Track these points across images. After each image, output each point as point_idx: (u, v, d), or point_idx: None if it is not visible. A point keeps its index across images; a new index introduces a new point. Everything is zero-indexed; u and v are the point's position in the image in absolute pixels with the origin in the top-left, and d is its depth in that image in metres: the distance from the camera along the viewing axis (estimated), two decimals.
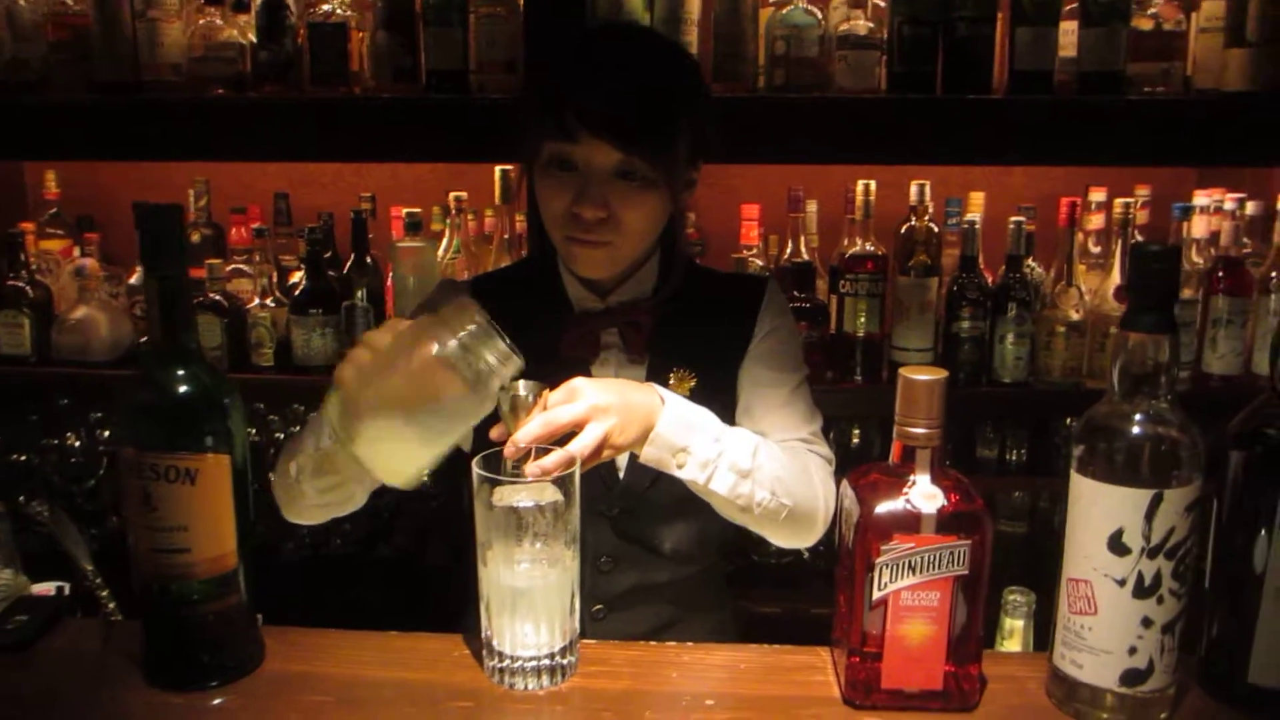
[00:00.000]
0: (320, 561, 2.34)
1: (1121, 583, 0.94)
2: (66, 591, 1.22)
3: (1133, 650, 0.95)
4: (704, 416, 1.23)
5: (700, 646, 1.14)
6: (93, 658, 1.09)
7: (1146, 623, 0.95)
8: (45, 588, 1.37)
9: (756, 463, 1.23)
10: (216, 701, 1.01)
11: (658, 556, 1.41)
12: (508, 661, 1.03)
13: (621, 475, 1.38)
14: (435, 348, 1.00)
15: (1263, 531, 0.98)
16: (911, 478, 0.97)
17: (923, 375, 0.94)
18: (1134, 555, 0.93)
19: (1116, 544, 0.93)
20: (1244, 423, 1.00)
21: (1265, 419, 0.99)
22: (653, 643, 1.15)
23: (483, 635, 1.05)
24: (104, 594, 1.17)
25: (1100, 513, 0.94)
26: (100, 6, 2.00)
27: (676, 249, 1.42)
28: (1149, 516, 0.92)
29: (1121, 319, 0.95)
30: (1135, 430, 0.94)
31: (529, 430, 1.06)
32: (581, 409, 1.10)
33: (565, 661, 1.05)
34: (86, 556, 1.18)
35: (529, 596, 1.01)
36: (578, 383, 1.14)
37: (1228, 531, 1.01)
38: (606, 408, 1.12)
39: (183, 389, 0.99)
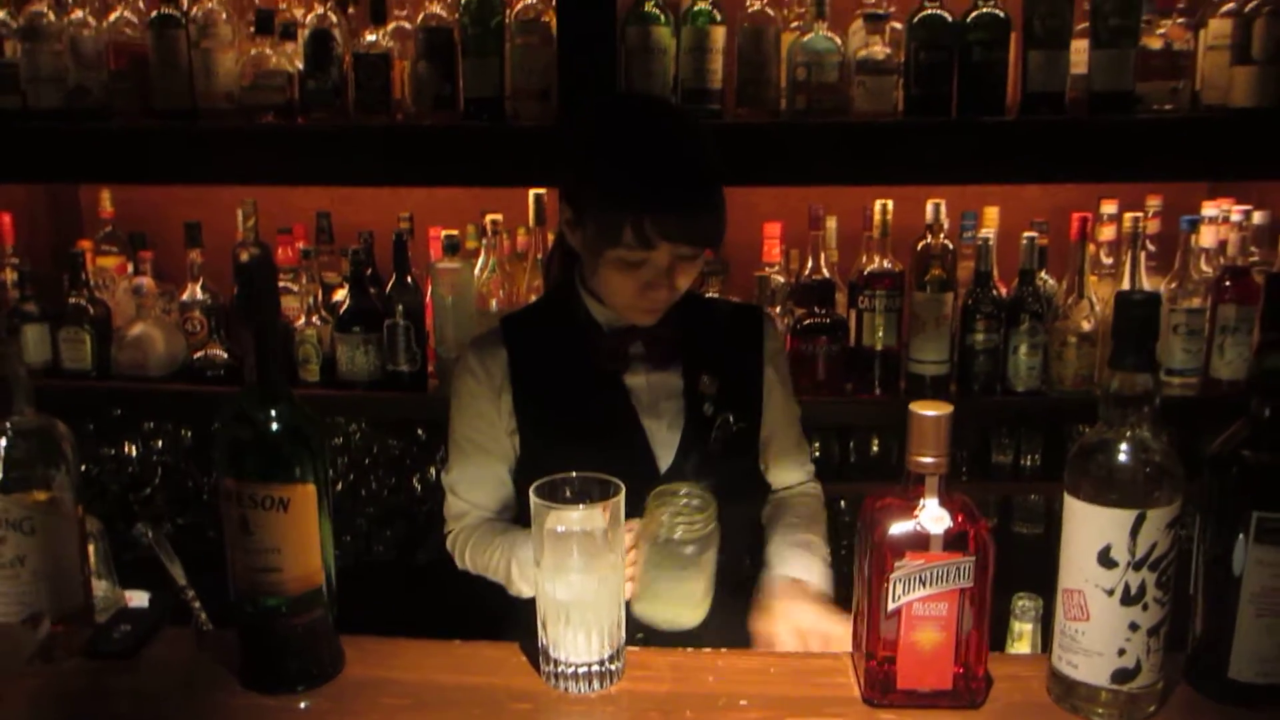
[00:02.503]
0: (362, 568, 2.43)
1: (1110, 592, 1.04)
2: (159, 604, 1.34)
3: (1122, 651, 1.05)
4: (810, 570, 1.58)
5: (733, 652, 1.25)
6: (190, 664, 1.20)
7: (1134, 627, 1.04)
8: (130, 595, 1.50)
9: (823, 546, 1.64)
10: (304, 704, 1.12)
11: None
12: (562, 667, 1.14)
13: (663, 470, 1.50)
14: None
15: (1240, 538, 1.07)
16: (921, 501, 1.07)
17: (930, 411, 1.05)
18: (1121, 568, 1.03)
19: (1105, 558, 1.03)
20: (1223, 445, 1.10)
21: (1241, 442, 1.08)
22: (690, 649, 1.26)
23: (539, 643, 1.16)
24: (196, 605, 1.29)
25: (1090, 531, 1.04)
26: (158, 36, 2.11)
27: None
28: (1134, 534, 1.02)
29: (1109, 358, 1.05)
30: (1121, 457, 1.04)
31: None
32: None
33: (614, 667, 1.16)
34: (181, 574, 1.30)
35: (580, 610, 1.12)
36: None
37: (1210, 540, 1.11)
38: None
39: (275, 427, 1.10)
